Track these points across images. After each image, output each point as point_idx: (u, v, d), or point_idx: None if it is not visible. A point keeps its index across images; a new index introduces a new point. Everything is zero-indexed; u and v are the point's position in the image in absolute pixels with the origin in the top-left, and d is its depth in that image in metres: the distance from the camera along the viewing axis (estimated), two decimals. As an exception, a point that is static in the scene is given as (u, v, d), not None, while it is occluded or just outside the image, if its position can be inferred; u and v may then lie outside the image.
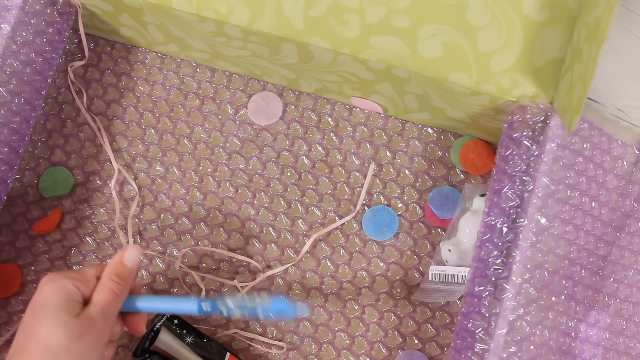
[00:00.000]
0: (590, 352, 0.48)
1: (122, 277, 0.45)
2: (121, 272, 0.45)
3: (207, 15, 0.50)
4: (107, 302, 0.43)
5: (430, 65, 0.48)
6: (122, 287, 0.44)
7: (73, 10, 0.56)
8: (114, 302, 0.44)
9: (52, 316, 0.41)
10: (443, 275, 0.52)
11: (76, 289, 0.42)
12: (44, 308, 0.41)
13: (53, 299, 0.41)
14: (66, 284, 0.42)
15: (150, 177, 0.61)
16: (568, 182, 0.46)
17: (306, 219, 0.60)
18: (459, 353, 0.47)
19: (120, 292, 0.44)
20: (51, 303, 0.41)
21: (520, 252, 0.45)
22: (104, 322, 0.42)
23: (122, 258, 0.45)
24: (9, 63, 0.51)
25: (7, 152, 0.53)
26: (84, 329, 0.41)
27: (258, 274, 0.59)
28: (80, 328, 0.41)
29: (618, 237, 0.50)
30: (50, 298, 0.41)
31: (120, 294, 0.44)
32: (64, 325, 0.40)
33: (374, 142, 0.61)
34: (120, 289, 0.44)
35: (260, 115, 0.62)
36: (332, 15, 0.49)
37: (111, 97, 0.63)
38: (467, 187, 0.55)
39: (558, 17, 0.47)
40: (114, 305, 0.44)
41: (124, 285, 0.44)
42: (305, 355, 0.58)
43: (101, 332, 0.42)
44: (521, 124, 0.47)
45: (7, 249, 0.60)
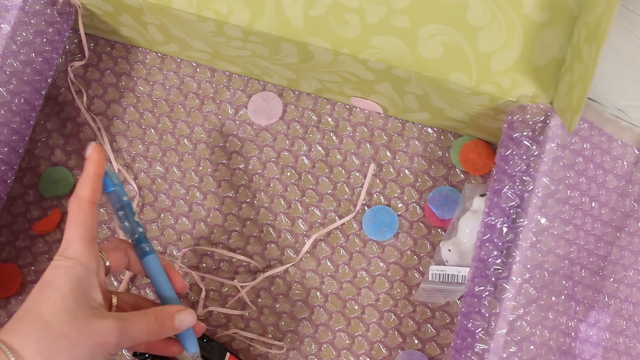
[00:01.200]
0: (590, 352, 0.48)
1: (165, 325, 0.42)
2: (166, 323, 0.42)
3: (207, 15, 0.50)
4: (135, 334, 0.40)
5: (430, 65, 0.48)
6: (159, 331, 0.42)
7: (73, 10, 0.56)
8: (140, 337, 0.41)
9: (59, 299, 0.39)
10: (443, 275, 0.52)
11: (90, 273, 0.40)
12: (52, 288, 0.39)
13: (62, 283, 0.39)
14: (80, 272, 0.40)
15: (150, 177, 0.61)
16: (568, 182, 0.46)
17: (306, 219, 0.60)
18: (459, 353, 0.47)
19: (154, 334, 0.41)
20: (60, 287, 0.39)
21: (520, 252, 0.45)
22: (116, 343, 0.40)
23: (175, 314, 0.43)
24: (9, 63, 0.51)
25: (7, 152, 0.53)
26: (91, 333, 0.39)
27: (258, 274, 0.59)
28: (88, 328, 0.39)
29: (618, 237, 0.50)
30: (59, 281, 0.39)
31: (153, 335, 0.41)
32: (69, 313, 0.39)
33: (374, 142, 0.61)
34: (156, 331, 0.42)
35: (260, 115, 0.62)
36: (332, 15, 0.49)
37: (111, 97, 0.63)
38: (467, 187, 0.55)
39: (558, 17, 0.47)
40: (138, 339, 0.41)
41: (162, 331, 0.42)
42: (305, 355, 0.58)
43: (108, 347, 0.39)
44: (521, 124, 0.47)
45: (7, 249, 0.60)
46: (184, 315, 0.43)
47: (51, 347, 0.37)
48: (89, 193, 0.42)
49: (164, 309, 0.43)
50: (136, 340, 0.41)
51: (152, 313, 0.42)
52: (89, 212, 0.41)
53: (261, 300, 0.59)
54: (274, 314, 0.59)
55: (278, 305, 0.59)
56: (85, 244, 0.41)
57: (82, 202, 0.41)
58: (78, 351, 0.38)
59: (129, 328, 0.40)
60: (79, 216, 0.41)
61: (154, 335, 0.42)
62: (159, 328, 0.42)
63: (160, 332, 0.42)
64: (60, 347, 0.38)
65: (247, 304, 0.59)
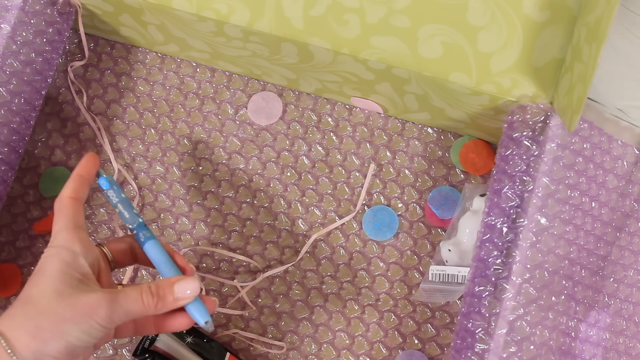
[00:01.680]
0: (590, 352, 0.48)
1: (161, 295, 0.41)
2: (163, 293, 0.41)
3: (207, 15, 0.50)
4: (128, 305, 0.40)
5: (430, 65, 0.48)
6: (154, 302, 0.41)
7: (73, 10, 0.56)
8: (134, 308, 0.40)
9: (46, 280, 0.39)
10: (443, 275, 0.52)
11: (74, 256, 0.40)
12: (41, 273, 0.39)
13: (49, 269, 0.39)
14: (66, 255, 0.40)
15: (150, 177, 0.61)
16: (568, 182, 0.46)
17: (306, 219, 0.60)
18: (459, 353, 0.47)
19: (149, 305, 0.40)
20: (48, 272, 0.39)
21: (520, 252, 0.45)
22: (107, 315, 0.39)
23: (175, 284, 0.41)
24: (9, 63, 0.51)
25: (7, 152, 0.53)
26: (79, 305, 0.38)
27: (258, 274, 0.59)
28: (75, 302, 0.38)
29: (618, 237, 0.50)
30: (46, 267, 0.40)
31: (149, 306, 0.40)
32: (56, 291, 0.38)
33: (374, 142, 0.61)
34: (150, 302, 0.40)
35: (260, 115, 0.62)
36: (332, 15, 0.49)
37: (111, 97, 0.63)
38: (467, 187, 0.55)
39: (558, 17, 0.47)
40: (132, 311, 0.40)
41: (159, 303, 0.41)
42: (305, 355, 0.58)
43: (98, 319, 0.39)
44: (521, 124, 0.47)
45: (7, 249, 0.60)
46: (184, 282, 0.41)
47: (37, 323, 0.38)
48: (69, 191, 0.43)
49: (162, 280, 0.42)
50: (131, 312, 0.40)
51: (146, 284, 0.41)
52: (69, 205, 0.43)
53: (261, 300, 0.59)
54: (274, 314, 0.59)
55: (278, 305, 0.59)
56: (69, 231, 0.41)
57: (62, 199, 0.43)
58: (66, 324, 0.38)
59: (119, 299, 0.40)
60: (60, 211, 0.43)
61: (150, 307, 0.40)
62: (154, 298, 0.40)
63: (157, 304, 0.41)
64: (47, 322, 0.38)
65: (247, 304, 0.59)
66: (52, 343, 0.38)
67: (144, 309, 0.40)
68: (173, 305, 0.41)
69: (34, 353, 0.37)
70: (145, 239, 0.45)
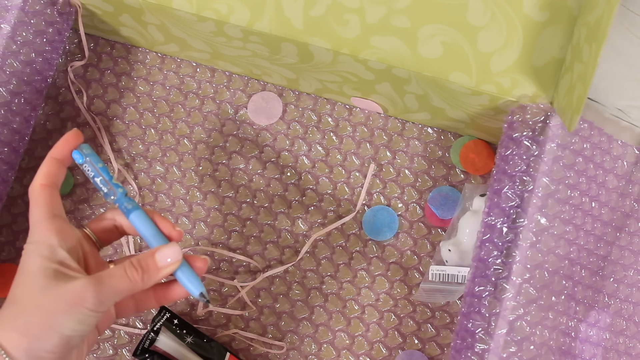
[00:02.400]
0: (590, 352, 0.48)
1: (144, 266, 0.40)
2: (146, 264, 0.40)
3: (207, 15, 0.50)
4: (114, 284, 0.39)
5: (430, 65, 0.48)
6: (140, 275, 0.40)
7: (73, 10, 0.56)
8: (121, 286, 0.39)
9: (28, 278, 0.38)
10: (443, 275, 0.52)
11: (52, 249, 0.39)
12: (22, 272, 0.39)
13: (28, 266, 0.39)
14: (43, 250, 0.39)
15: (150, 177, 0.61)
16: (568, 182, 0.46)
17: (306, 219, 0.60)
18: (459, 353, 0.47)
19: (136, 280, 0.39)
20: (28, 270, 0.39)
21: (520, 252, 0.45)
22: (96, 298, 0.38)
23: (155, 253, 0.40)
24: (9, 63, 0.51)
25: (7, 152, 0.53)
26: (65, 295, 0.38)
27: (258, 274, 0.59)
28: (60, 293, 0.38)
29: (618, 237, 0.50)
30: (25, 266, 0.39)
31: (135, 282, 0.39)
32: (39, 286, 0.38)
33: (374, 142, 0.61)
34: (136, 277, 0.39)
35: (260, 115, 0.62)
36: (332, 15, 0.49)
37: (111, 97, 0.63)
38: (467, 187, 0.55)
39: (558, 17, 0.47)
40: (121, 290, 0.39)
41: (144, 275, 0.40)
42: (305, 355, 0.58)
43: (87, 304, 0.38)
44: (521, 124, 0.47)
45: (7, 249, 0.60)
46: (163, 250, 0.41)
47: (25, 320, 0.37)
48: (39, 178, 0.42)
49: (144, 252, 0.41)
50: (120, 291, 0.39)
51: (127, 260, 0.40)
52: (42, 194, 0.41)
53: (261, 300, 0.59)
54: (274, 314, 0.59)
55: (278, 305, 0.59)
56: (42, 224, 0.40)
57: (34, 187, 0.41)
58: (55, 317, 0.37)
59: (104, 280, 0.39)
60: (32, 201, 0.41)
61: (137, 281, 0.40)
62: (138, 271, 0.40)
63: (143, 277, 0.40)
64: (35, 317, 0.37)
65: (247, 304, 0.59)
66: (44, 338, 0.37)
67: (132, 285, 0.40)
68: (159, 275, 0.40)
69: (26, 351, 0.36)
70: (128, 211, 0.42)
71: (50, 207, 0.41)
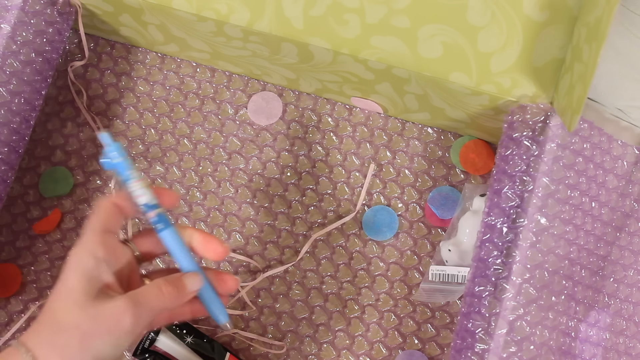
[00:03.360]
0: (590, 352, 0.48)
1: (177, 286, 0.41)
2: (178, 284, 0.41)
3: (207, 15, 0.50)
4: (151, 303, 0.39)
5: (430, 65, 0.48)
6: (174, 293, 0.40)
7: (73, 10, 0.56)
8: (158, 303, 0.40)
9: (68, 294, 0.38)
10: (443, 275, 0.52)
11: (96, 261, 0.39)
12: (62, 286, 0.39)
13: (71, 278, 0.39)
14: (88, 262, 0.39)
15: (150, 177, 0.61)
16: (568, 182, 0.46)
17: (306, 219, 0.60)
18: (459, 353, 0.47)
19: (171, 297, 0.40)
20: (68, 281, 0.39)
21: (520, 252, 0.45)
22: (134, 321, 0.38)
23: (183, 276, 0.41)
24: (9, 63, 0.51)
25: (7, 152, 0.53)
26: (103, 317, 0.38)
27: (258, 274, 0.59)
28: (98, 314, 0.38)
29: (618, 237, 0.50)
30: (68, 277, 0.39)
31: (170, 298, 0.40)
32: (78, 304, 0.38)
33: (374, 142, 0.61)
34: (172, 293, 0.40)
35: (260, 115, 0.62)
36: (332, 15, 0.49)
37: (111, 97, 0.63)
38: (467, 187, 0.55)
39: (558, 17, 0.47)
40: (157, 307, 0.40)
41: (177, 294, 0.41)
42: (305, 355, 0.58)
43: (125, 326, 0.38)
44: (521, 124, 0.47)
45: (7, 249, 0.60)
46: (189, 277, 0.42)
47: (64, 341, 0.37)
48: (116, 197, 0.42)
49: (170, 275, 0.42)
50: (156, 308, 0.40)
51: (160, 279, 0.41)
52: (106, 208, 0.41)
53: (261, 300, 0.59)
54: (274, 314, 0.59)
55: (278, 305, 0.59)
56: (95, 234, 0.40)
57: (103, 200, 0.42)
58: (92, 341, 0.38)
59: (141, 300, 0.39)
60: (95, 212, 0.41)
61: (172, 299, 0.40)
62: (173, 289, 0.40)
63: (176, 294, 0.41)
64: (73, 339, 0.37)
65: (247, 304, 0.59)
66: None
67: (168, 302, 0.40)
68: (187, 296, 0.41)
69: None
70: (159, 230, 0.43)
71: (107, 222, 0.41)
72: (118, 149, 0.41)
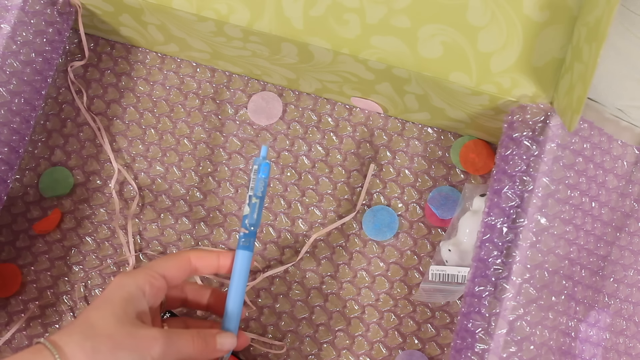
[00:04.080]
0: (590, 352, 0.48)
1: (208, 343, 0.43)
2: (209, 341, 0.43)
3: (207, 15, 0.50)
4: (180, 346, 0.41)
5: (430, 65, 0.48)
6: (203, 347, 0.42)
7: (73, 10, 0.56)
8: (186, 350, 0.42)
9: (109, 307, 0.40)
10: (443, 275, 0.52)
11: (141, 295, 0.41)
12: (106, 301, 0.40)
13: (114, 296, 0.41)
14: (134, 290, 0.41)
15: (150, 177, 0.61)
16: (568, 182, 0.46)
17: (306, 219, 0.60)
18: (459, 353, 0.47)
19: (199, 350, 0.42)
20: (113, 299, 0.40)
21: (520, 252, 0.45)
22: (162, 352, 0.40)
23: (217, 335, 0.44)
24: (9, 63, 0.51)
25: (7, 152, 0.53)
26: (136, 337, 0.39)
27: (258, 274, 0.59)
28: (132, 332, 0.40)
29: (618, 237, 0.50)
30: (111, 294, 0.41)
31: (198, 351, 0.42)
32: (116, 316, 0.40)
33: (374, 142, 0.61)
34: (200, 347, 0.42)
35: (260, 115, 0.62)
36: (332, 15, 0.49)
37: (111, 97, 0.63)
38: (467, 187, 0.55)
39: (558, 17, 0.47)
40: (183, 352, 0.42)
41: (206, 349, 0.43)
42: (305, 355, 0.58)
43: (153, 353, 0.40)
44: (521, 124, 0.47)
45: (7, 249, 0.60)
46: (225, 337, 0.44)
47: (94, 344, 0.38)
48: (198, 255, 0.45)
49: (205, 329, 0.44)
50: (181, 353, 0.41)
51: (194, 330, 0.43)
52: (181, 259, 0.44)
53: (261, 300, 0.59)
54: (274, 314, 0.59)
55: (278, 305, 0.59)
56: (152, 271, 0.43)
57: (186, 251, 0.45)
58: (121, 351, 0.39)
59: (174, 339, 0.41)
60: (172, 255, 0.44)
61: (199, 351, 0.42)
62: (203, 344, 0.42)
63: (205, 350, 0.43)
64: (104, 345, 0.38)
65: (247, 304, 0.59)
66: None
67: (194, 352, 0.42)
68: (214, 355, 0.43)
69: None
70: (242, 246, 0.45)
71: (170, 269, 0.44)
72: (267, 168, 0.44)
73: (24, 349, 0.39)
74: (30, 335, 0.59)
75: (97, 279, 0.60)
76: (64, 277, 0.60)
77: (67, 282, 0.60)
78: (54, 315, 0.59)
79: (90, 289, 0.59)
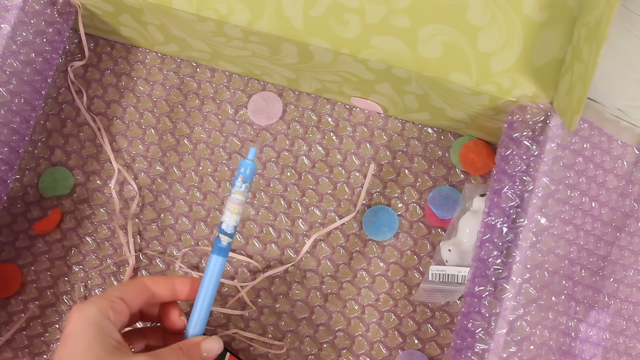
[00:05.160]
0: (590, 352, 0.48)
1: (192, 354, 0.42)
2: (193, 352, 0.42)
3: (207, 15, 0.50)
4: None
5: (430, 65, 0.48)
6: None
7: (73, 10, 0.56)
8: None
9: (87, 350, 0.38)
10: (443, 275, 0.52)
11: (108, 321, 0.40)
12: (80, 341, 0.39)
13: (82, 329, 0.39)
14: (96, 315, 0.40)
15: (150, 177, 0.61)
16: (568, 182, 0.46)
17: (306, 219, 0.60)
18: (459, 353, 0.47)
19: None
20: (80, 332, 0.39)
21: (520, 252, 0.45)
22: None
23: (201, 343, 0.43)
24: (9, 63, 0.51)
25: (7, 152, 0.53)
26: None
27: (258, 274, 0.59)
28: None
29: (618, 237, 0.50)
30: (79, 328, 0.39)
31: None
32: (93, 350, 0.38)
33: (374, 142, 0.61)
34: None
35: (260, 115, 0.62)
36: (332, 15, 0.49)
37: (111, 97, 0.63)
38: (467, 187, 0.55)
39: (558, 17, 0.47)
40: None
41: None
42: (305, 356, 0.58)
43: None
44: (521, 124, 0.47)
45: (7, 249, 0.60)
46: (210, 342, 0.43)
47: None
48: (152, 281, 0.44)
49: (187, 340, 0.43)
50: None
51: (177, 346, 0.42)
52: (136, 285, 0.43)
53: (261, 300, 0.59)
54: (274, 314, 0.59)
55: (278, 305, 0.59)
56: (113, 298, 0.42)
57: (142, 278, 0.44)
58: None
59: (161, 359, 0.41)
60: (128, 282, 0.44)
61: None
62: (187, 358, 0.42)
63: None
64: None
65: (247, 304, 0.59)
66: None
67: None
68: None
69: None
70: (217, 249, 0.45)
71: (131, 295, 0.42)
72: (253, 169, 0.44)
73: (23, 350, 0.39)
74: (30, 335, 0.59)
75: (97, 279, 0.60)
76: (64, 277, 0.60)
77: (67, 282, 0.60)
78: (54, 315, 0.59)
79: (90, 289, 0.60)
